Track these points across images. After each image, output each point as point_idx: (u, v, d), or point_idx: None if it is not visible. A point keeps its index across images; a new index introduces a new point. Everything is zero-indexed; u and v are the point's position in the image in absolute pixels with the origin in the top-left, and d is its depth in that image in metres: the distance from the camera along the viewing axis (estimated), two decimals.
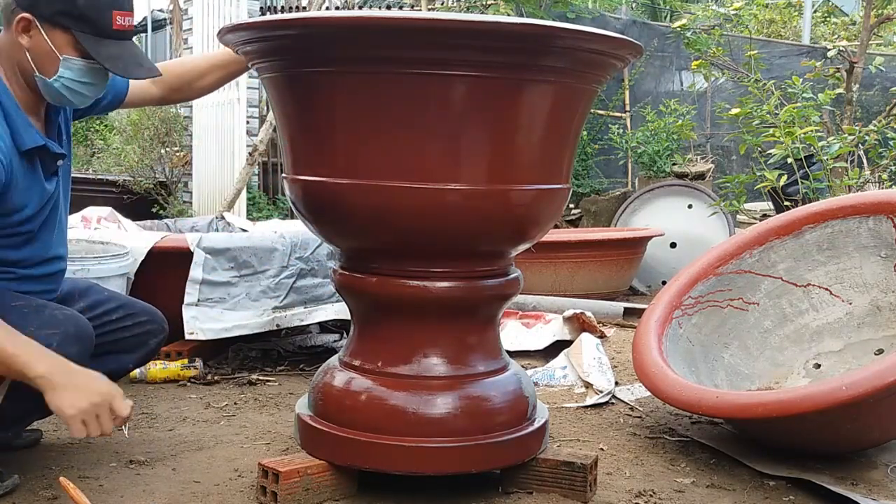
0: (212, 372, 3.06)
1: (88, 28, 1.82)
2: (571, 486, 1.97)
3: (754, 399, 2.18)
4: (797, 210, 2.88)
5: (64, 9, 1.80)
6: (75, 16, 1.80)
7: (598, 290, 4.71)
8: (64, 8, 1.80)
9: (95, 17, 1.81)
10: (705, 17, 7.58)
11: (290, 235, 3.24)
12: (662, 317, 2.63)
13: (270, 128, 5.31)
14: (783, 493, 2.09)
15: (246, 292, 3.11)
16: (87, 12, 1.80)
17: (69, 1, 1.79)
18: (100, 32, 1.83)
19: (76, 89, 1.87)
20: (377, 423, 1.88)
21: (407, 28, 1.67)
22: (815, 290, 2.78)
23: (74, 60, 1.84)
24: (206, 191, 6.71)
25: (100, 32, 1.83)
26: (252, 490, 1.97)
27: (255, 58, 1.90)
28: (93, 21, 1.81)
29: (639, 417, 2.69)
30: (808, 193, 4.41)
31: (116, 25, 1.84)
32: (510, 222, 1.89)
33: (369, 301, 1.97)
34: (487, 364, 1.98)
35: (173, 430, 2.44)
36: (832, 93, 4.82)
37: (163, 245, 3.11)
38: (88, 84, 1.88)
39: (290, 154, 1.93)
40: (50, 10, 1.80)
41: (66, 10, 1.80)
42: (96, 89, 1.92)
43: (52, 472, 2.06)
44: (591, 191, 7.38)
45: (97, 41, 1.83)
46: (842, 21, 13.52)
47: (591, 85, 1.89)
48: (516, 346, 3.42)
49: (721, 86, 8.93)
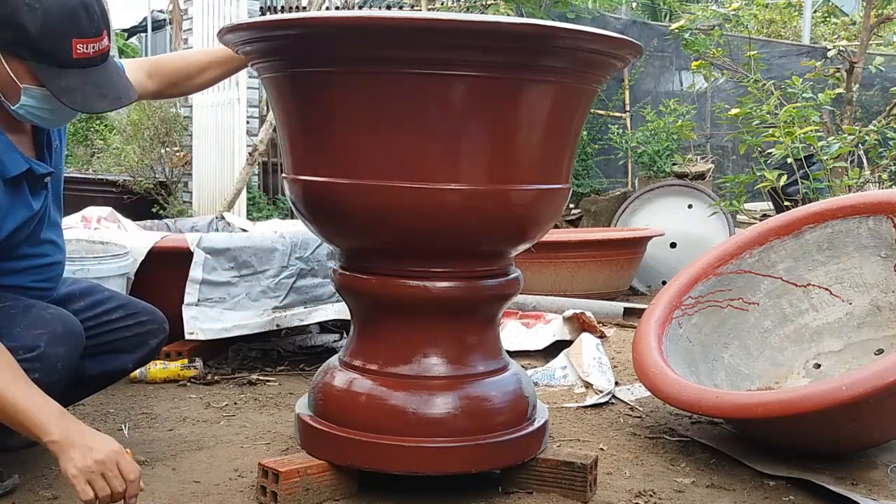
0: (212, 372, 3.06)
1: (46, 59, 1.73)
2: (571, 486, 1.97)
3: (754, 399, 2.18)
4: (797, 210, 2.88)
5: (18, 39, 1.71)
6: (30, 47, 1.72)
7: (598, 290, 4.71)
8: (18, 38, 1.71)
9: (52, 48, 1.72)
10: (705, 18, 7.59)
11: (290, 235, 3.24)
12: (662, 317, 2.63)
13: (270, 128, 5.31)
14: (783, 493, 2.10)
15: (246, 292, 3.11)
16: (41, 44, 1.71)
17: (23, 32, 1.70)
18: (59, 63, 1.74)
19: (43, 115, 1.81)
20: (377, 423, 1.88)
21: (407, 28, 1.67)
22: (815, 290, 2.78)
23: (35, 90, 1.76)
24: (206, 191, 6.71)
25: (59, 63, 1.74)
26: (252, 490, 1.97)
27: (255, 58, 1.90)
28: (49, 52, 1.72)
29: (639, 417, 2.69)
30: (808, 193, 4.42)
31: (78, 54, 1.74)
32: (510, 222, 1.89)
33: (369, 301, 1.97)
34: (487, 364, 1.98)
35: (173, 430, 2.44)
36: (832, 93, 4.82)
37: (163, 245, 3.11)
38: (53, 110, 1.80)
39: (290, 154, 1.93)
40: (5, 40, 1.72)
41: (20, 40, 1.71)
42: (63, 113, 1.84)
43: (52, 471, 2.06)
44: (591, 191, 7.38)
45: (56, 72, 1.74)
46: (842, 21, 13.52)
47: (591, 85, 1.89)
48: (516, 346, 3.42)
49: (721, 86, 8.94)
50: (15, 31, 1.70)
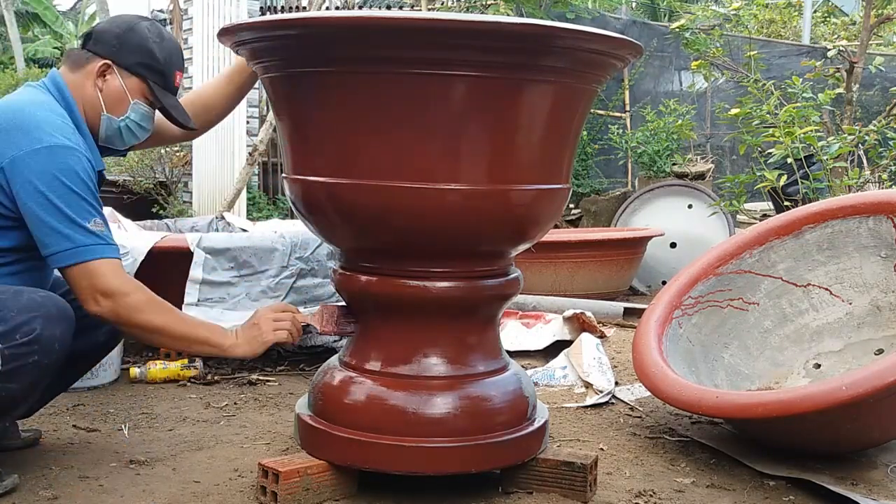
0: (212, 372, 3.06)
1: (160, 81, 2.11)
2: (571, 486, 1.97)
3: (754, 399, 2.18)
4: (797, 210, 2.88)
5: (144, 62, 2.08)
6: (153, 69, 2.09)
7: (598, 290, 4.71)
8: (145, 61, 2.08)
9: (167, 74, 2.12)
10: (705, 18, 7.59)
11: (290, 235, 3.24)
12: (662, 317, 2.63)
13: (270, 128, 5.31)
14: (783, 493, 2.10)
15: (246, 292, 3.11)
16: (162, 68, 2.10)
17: (151, 55, 2.08)
18: (167, 87, 2.13)
19: (134, 130, 2.14)
20: (377, 423, 1.88)
21: (407, 28, 1.67)
22: (815, 290, 2.78)
23: (142, 105, 2.12)
24: (206, 191, 6.71)
25: (167, 87, 2.13)
26: (252, 490, 1.97)
27: (255, 58, 1.90)
28: (164, 76, 2.11)
29: (639, 417, 2.69)
30: (808, 193, 4.42)
31: (176, 83, 2.15)
32: (510, 222, 1.89)
33: (369, 301, 1.97)
34: (487, 364, 1.98)
35: (173, 430, 2.44)
36: (832, 93, 4.83)
37: (163, 245, 3.11)
38: (144, 128, 2.16)
39: (290, 154, 1.93)
40: (131, 60, 2.08)
41: (146, 63, 2.08)
42: (146, 133, 2.19)
43: (52, 472, 2.06)
44: (591, 191, 7.38)
45: (164, 93, 2.12)
46: (842, 21, 13.52)
47: (591, 85, 1.89)
48: (516, 346, 3.42)
49: (721, 86, 8.94)
50: (144, 55, 2.08)
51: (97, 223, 1.93)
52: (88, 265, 1.90)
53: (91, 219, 1.92)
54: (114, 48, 2.08)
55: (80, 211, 1.91)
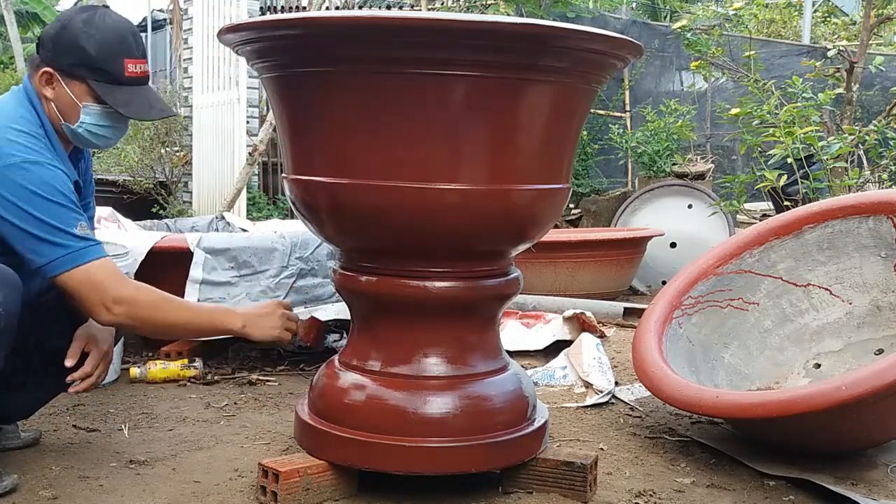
0: (212, 372, 3.06)
1: (103, 77, 1.97)
2: (571, 485, 1.97)
3: (754, 399, 2.18)
4: (797, 210, 2.88)
5: (79, 61, 1.95)
6: (90, 67, 1.95)
7: (598, 290, 4.71)
8: (79, 60, 1.95)
9: (109, 67, 1.96)
10: (705, 18, 7.59)
11: (290, 235, 3.24)
12: (662, 317, 2.63)
13: (270, 128, 5.32)
14: (783, 493, 2.10)
15: (246, 292, 3.11)
16: (100, 63, 1.95)
17: (84, 53, 1.94)
18: (114, 80, 1.98)
19: (98, 132, 2.02)
20: (377, 423, 1.88)
21: (407, 28, 1.67)
22: (815, 289, 2.78)
23: (93, 106, 1.99)
24: (206, 191, 6.71)
25: (114, 80, 1.98)
26: (252, 490, 1.97)
27: (256, 58, 1.90)
28: (106, 70, 1.96)
29: (639, 417, 2.69)
30: (808, 193, 4.41)
31: (129, 73, 1.99)
32: (510, 222, 1.89)
33: (369, 301, 1.97)
34: (487, 364, 1.98)
35: (173, 430, 2.44)
36: (832, 93, 4.82)
37: (163, 245, 3.11)
38: (108, 127, 2.03)
39: (290, 154, 1.93)
40: (67, 62, 1.96)
41: (81, 61, 1.95)
42: (116, 131, 2.06)
43: (52, 472, 2.06)
44: (591, 191, 7.38)
45: (112, 88, 1.98)
46: (842, 21, 13.52)
47: (591, 85, 1.89)
48: (516, 346, 3.41)
49: (721, 86, 8.95)
50: (76, 54, 1.95)
51: (83, 227, 1.91)
52: (88, 268, 1.88)
53: (77, 223, 1.89)
54: (50, 53, 1.98)
55: (66, 219, 1.88)
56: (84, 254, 1.89)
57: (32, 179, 1.86)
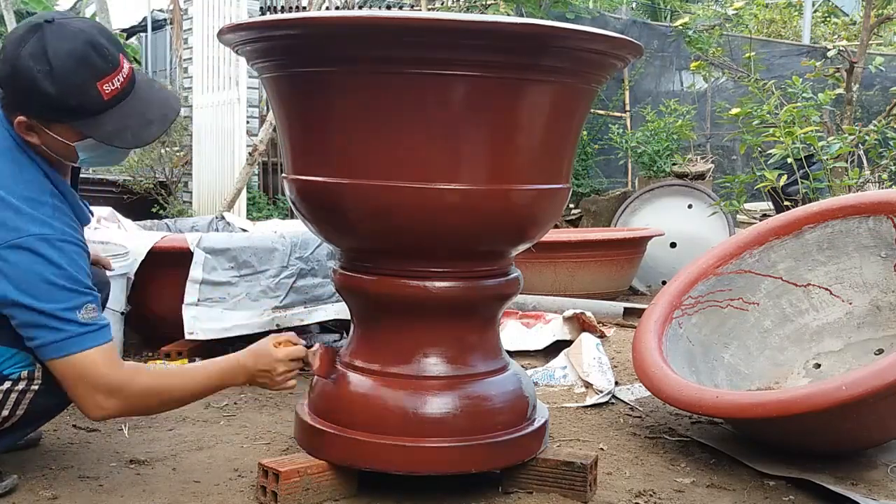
0: None
1: (81, 113, 1.74)
2: (571, 485, 1.97)
3: (754, 399, 2.18)
4: (797, 210, 2.88)
5: (46, 105, 1.72)
6: (59, 108, 1.72)
7: (598, 290, 4.71)
8: (46, 105, 1.72)
9: (81, 100, 1.72)
10: (705, 17, 7.59)
11: (290, 235, 3.24)
12: (662, 317, 2.63)
13: (270, 128, 5.31)
14: (783, 493, 2.10)
15: (246, 292, 3.11)
16: (69, 101, 1.71)
17: (47, 97, 1.70)
18: (93, 111, 1.74)
19: (106, 158, 1.90)
20: (377, 423, 1.88)
21: (407, 28, 1.67)
22: (815, 289, 2.78)
23: (86, 142, 1.79)
24: (206, 191, 6.71)
25: (93, 111, 1.74)
26: (252, 490, 1.97)
27: (255, 58, 1.90)
28: (81, 105, 1.73)
29: (639, 417, 2.69)
30: (808, 193, 4.41)
31: (107, 95, 1.74)
32: (510, 222, 1.89)
33: (369, 301, 1.97)
34: (487, 364, 1.98)
35: (173, 430, 2.44)
36: (832, 93, 4.83)
37: (163, 245, 3.11)
38: (111, 150, 1.85)
39: (290, 154, 1.93)
40: (36, 109, 1.74)
41: (48, 106, 1.72)
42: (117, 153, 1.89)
43: (52, 472, 2.06)
44: (591, 191, 7.38)
45: (96, 121, 1.75)
46: (842, 21, 13.52)
47: (591, 85, 1.89)
48: (516, 346, 3.41)
49: (721, 86, 8.95)
50: (40, 100, 1.71)
51: (89, 309, 1.76)
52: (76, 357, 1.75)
53: (83, 307, 1.75)
54: (16, 101, 1.76)
55: (69, 301, 1.73)
56: (77, 341, 1.74)
57: (40, 260, 1.71)
